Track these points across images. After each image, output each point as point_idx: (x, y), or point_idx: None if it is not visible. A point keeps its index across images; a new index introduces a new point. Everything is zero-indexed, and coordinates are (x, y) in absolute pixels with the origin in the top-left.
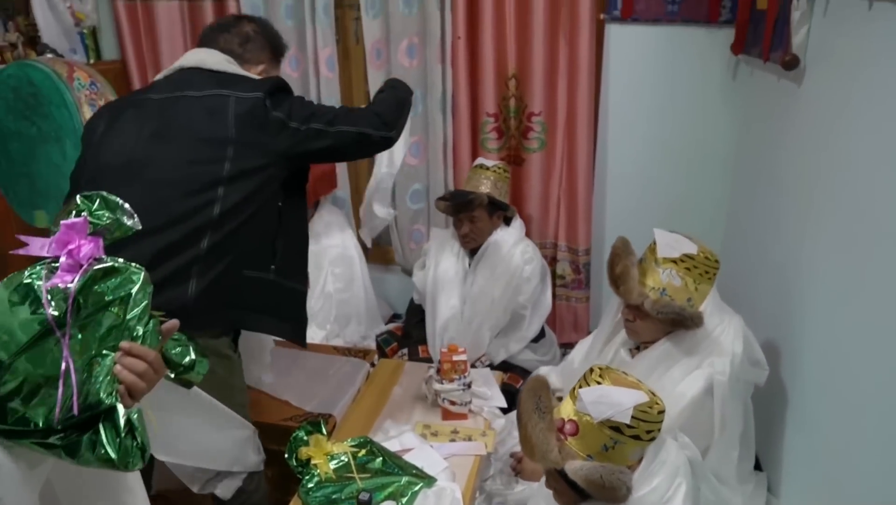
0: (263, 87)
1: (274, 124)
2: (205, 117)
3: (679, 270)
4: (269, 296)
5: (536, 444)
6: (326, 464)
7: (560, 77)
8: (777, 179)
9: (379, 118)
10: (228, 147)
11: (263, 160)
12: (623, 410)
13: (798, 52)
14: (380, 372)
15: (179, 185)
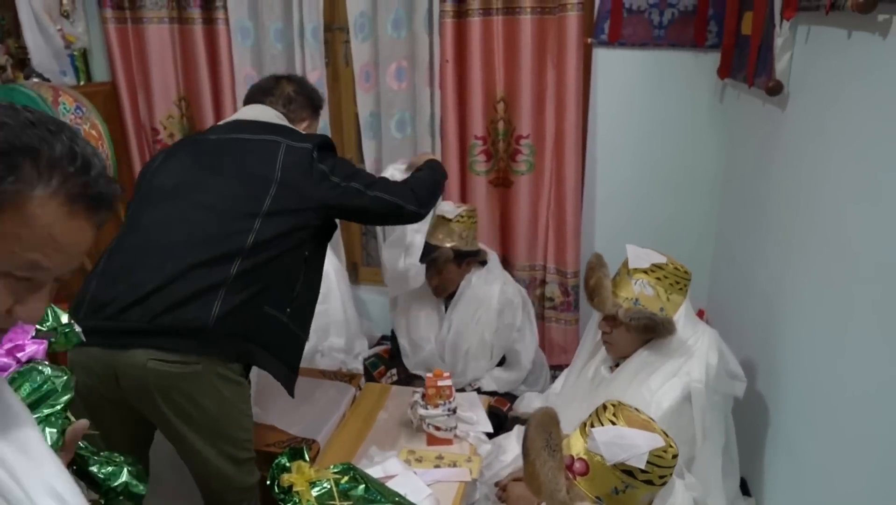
0: (313, 140)
1: (317, 174)
2: (255, 157)
3: (650, 279)
4: (279, 337)
5: (544, 482)
6: (308, 491)
7: (548, 100)
8: (762, 202)
9: (414, 194)
10: (272, 186)
11: (301, 204)
12: (638, 455)
13: (781, 78)
14: (365, 396)
15: (221, 211)
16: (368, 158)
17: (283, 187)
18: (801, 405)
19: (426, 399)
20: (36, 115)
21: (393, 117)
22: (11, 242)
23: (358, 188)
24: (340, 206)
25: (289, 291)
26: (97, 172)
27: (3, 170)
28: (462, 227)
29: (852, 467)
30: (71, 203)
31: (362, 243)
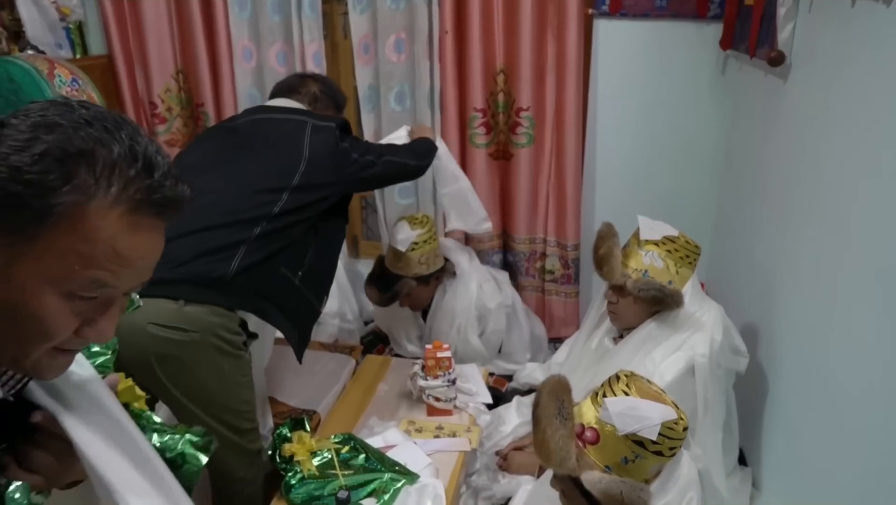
0: (336, 121)
1: (341, 152)
2: (284, 135)
3: (660, 252)
4: (290, 298)
5: (554, 450)
6: (309, 461)
7: (548, 72)
8: (763, 175)
9: (414, 153)
10: (302, 163)
11: (327, 179)
12: (651, 427)
13: (784, 49)
14: (365, 368)
15: (253, 183)
16: (367, 131)
17: (312, 164)
18: (798, 378)
19: (426, 370)
20: (92, 112)
21: (392, 90)
22: (71, 260)
23: (371, 159)
24: (360, 179)
25: (301, 255)
26: (162, 173)
27: (56, 178)
28: (419, 254)
29: (848, 438)
30: (134, 211)
31: (363, 217)
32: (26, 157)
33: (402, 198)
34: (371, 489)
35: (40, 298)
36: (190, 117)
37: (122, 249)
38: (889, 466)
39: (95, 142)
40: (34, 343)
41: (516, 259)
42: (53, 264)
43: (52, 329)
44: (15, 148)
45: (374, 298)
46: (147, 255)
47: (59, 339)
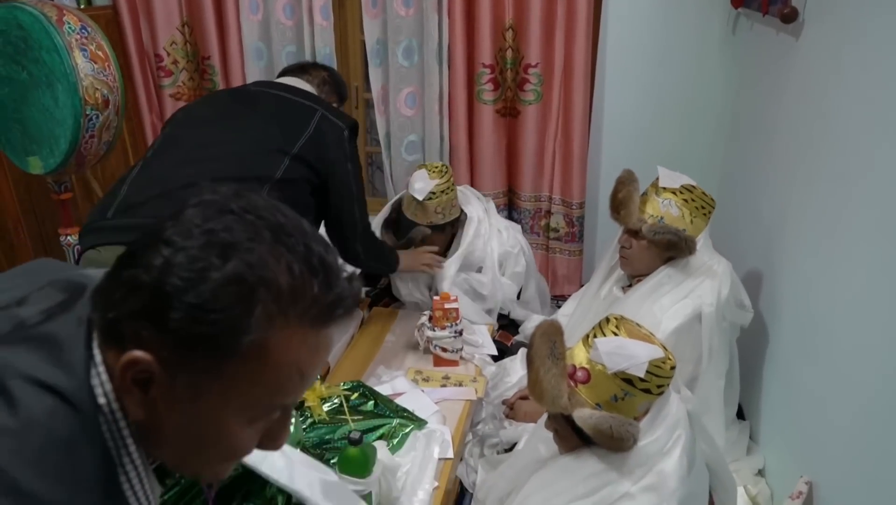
0: (347, 121)
1: (341, 151)
2: (292, 110)
3: (677, 200)
4: None
5: (547, 389)
6: (320, 406)
7: (557, 28)
8: (770, 134)
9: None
10: (304, 136)
11: (317, 163)
12: (638, 364)
13: (797, 5)
14: (373, 320)
15: (256, 140)
16: (375, 86)
17: (311, 142)
18: (799, 335)
19: (433, 321)
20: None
21: (400, 44)
22: (258, 390)
23: (353, 190)
24: (334, 187)
25: None
26: (341, 279)
27: (240, 313)
28: (436, 203)
29: (846, 394)
30: (319, 327)
31: (368, 174)
32: (205, 293)
33: (409, 154)
34: (380, 434)
35: (228, 428)
36: (196, 70)
37: (305, 364)
38: (886, 422)
39: (274, 261)
40: (220, 462)
41: (521, 216)
42: (240, 396)
43: (239, 451)
44: (189, 281)
45: (388, 240)
46: (327, 353)
47: (243, 456)
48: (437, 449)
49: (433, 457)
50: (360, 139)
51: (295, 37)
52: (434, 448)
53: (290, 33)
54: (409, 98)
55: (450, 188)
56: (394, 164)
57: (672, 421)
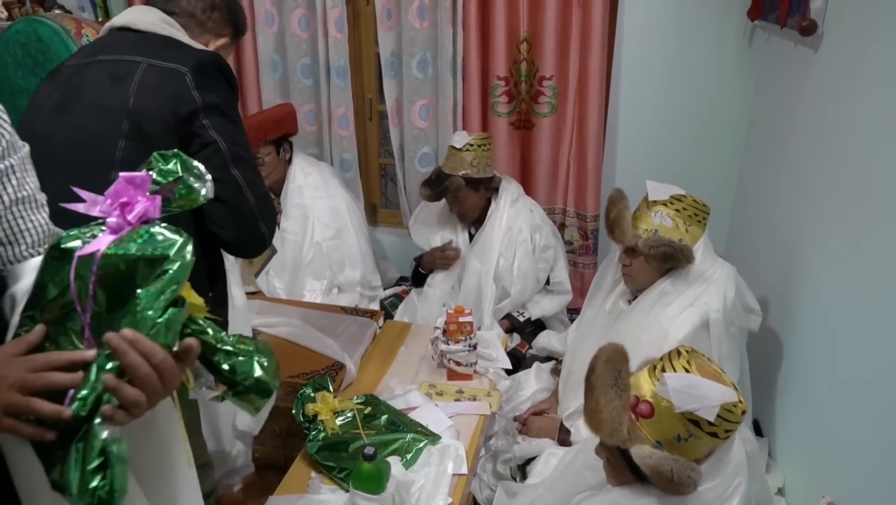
0: (193, 60)
1: (184, 104)
2: (107, 85)
3: (669, 211)
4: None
5: (606, 420)
6: (332, 420)
7: (572, 41)
8: (787, 147)
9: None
10: (124, 121)
11: (162, 142)
12: (709, 407)
13: (816, 18)
14: (387, 332)
15: (73, 165)
16: (389, 98)
17: (141, 120)
18: (817, 349)
19: (447, 335)
20: None
21: (414, 57)
22: None
23: (221, 148)
24: (199, 154)
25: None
26: None
27: None
28: (472, 156)
29: (866, 410)
30: None
31: (381, 185)
32: None
33: (423, 165)
34: (394, 449)
35: None
36: None
37: None
38: None
39: None
40: None
41: None
42: None
43: None
44: None
45: (424, 195)
46: None
47: None
48: (452, 464)
49: (447, 472)
50: (373, 151)
51: (310, 49)
52: (448, 463)
53: (304, 46)
54: (423, 110)
55: (487, 147)
56: (407, 175)
57: (733, 467)
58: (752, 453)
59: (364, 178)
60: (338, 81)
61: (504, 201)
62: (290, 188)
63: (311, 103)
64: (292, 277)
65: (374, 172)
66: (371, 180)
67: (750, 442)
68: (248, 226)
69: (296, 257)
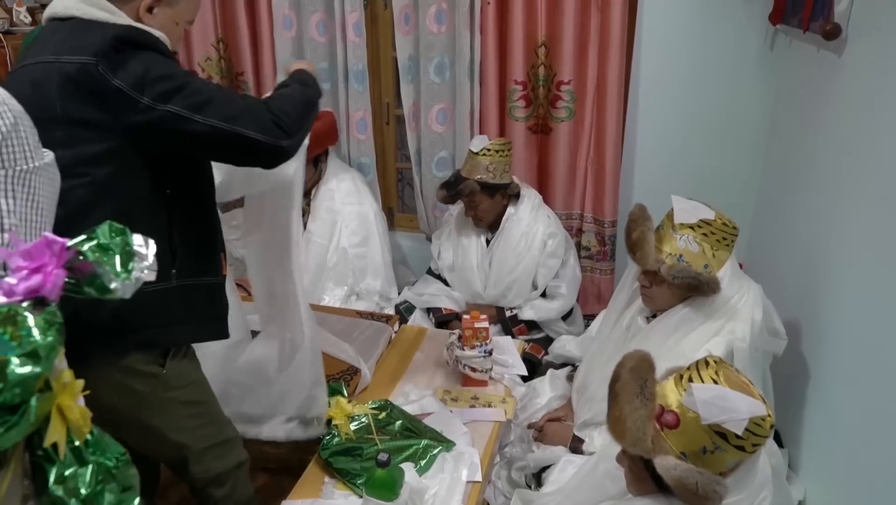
0: (100, 44)
1: (112, 97)
2: (29, 92)
3: (696, 235)
4: (176, 305)
5: (631, 429)
6: (347, 425)
7: (591, 45)
8: (810, 154)
9: (273, 118)
10: (56, 130)
11: (106, 143)
12: (738, 420)
13: (840, 21)
14: (402, 337)
15: None
16: (406, 103)
17: (71, 126)
18: (842, 360)
19: (462, 340)
20: None
21: (432, 61)
22: None
23: (178, 112)
24: (162, 138)
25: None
26: None
27: None
28: (489, 161)
29: (891, 424)
30: None
31: (398, 189)
32: None
33: (440, 170)
34: (408, 455)
35: None
36: (230, 86)
37: None
38: None
39: None
40: None
41: None
42: None
43: None
44: None
45: (440, 196)
46: None
47: None
48: (466, 472)
49: (461, 480)
50: (391, 155)
51: (328, 53)
52: (462, 470)
53: (322, 50)
54: (440, 115)
55: (506, 154)
56: (424, 180)
57: (759, 481)
58: (778, 466)
59: (381, 182)
60: (356, 85)
61: (524, 208)
62: (322, 190)
63: (329, 107)
64: (313, 280)
65: (392, 177)
66: (388, 184)
67: (775, 455)
68: (246, 148)
69: (319, 262)
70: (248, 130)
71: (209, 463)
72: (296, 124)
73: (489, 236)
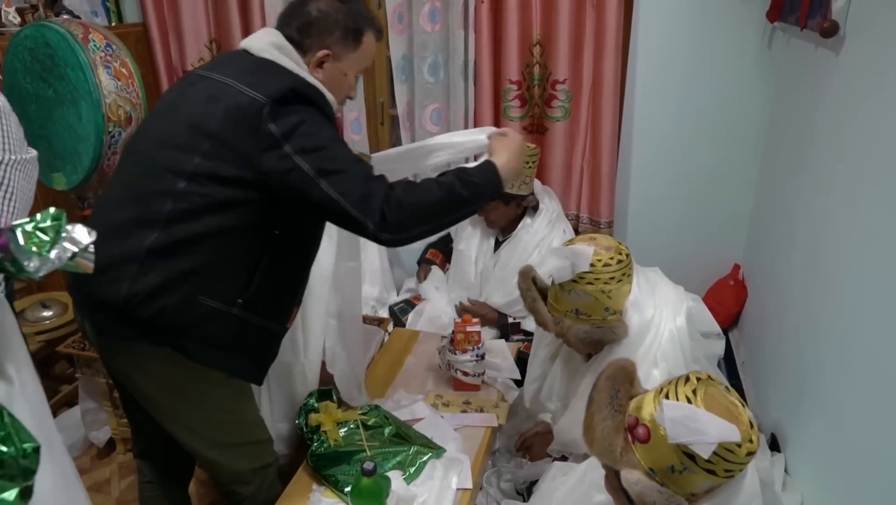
0: (275, 88)
1: (263, 137)
2: (202, 101)
3: (582, 287)
4: (226, 330)
5: (598, 438)
6: (335, 431)
7: (586, 44)
8: (808, 153)
9: (384, 209)
10: (206, 140)
11: (241, 172)
12: (705, 444)
13: (838, 19)
14: (394, 341)
15: (147, 164)
16: (400, 102)
17: (220, 145)
18: (839, 360)
19: (454, 344)
20: None
21: (426, 60)
22: None
23: (306, 171)
24: (287, 188)
25: (239, 280)
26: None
27: None
28: None
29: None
30: None
31: None
32: None
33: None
34: (397, 461)
35: None
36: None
37: None
38: None
39: None
40: None
41: None
42: None
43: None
44: None
45: None
46: None
47: None
48: (456, 478)
49: (451, 487)
50: None
51: None
52: (452, 477)
53: None
54: (434, 114)
55: (530, 165)
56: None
57: (746, 498)
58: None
59: None
60: None
61: (541, 221)
62: None
63: None
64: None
65: None
66: None
67: (764, 470)
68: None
69: None
70: (355, 211)
71: (235, 460)
72: (408, 222)
73: (501, 237)
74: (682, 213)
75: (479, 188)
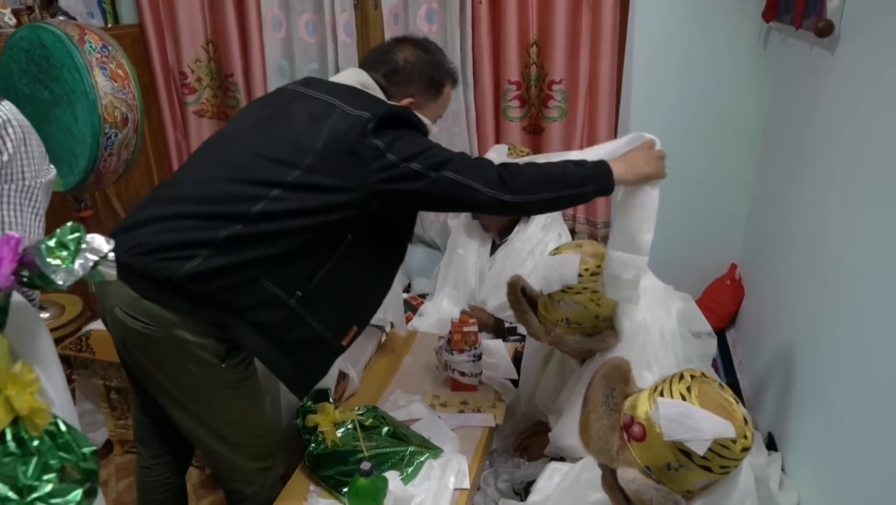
0: (378, 109)
1: (368, 150)
2: (305, 119)
3: (570, 297)
4: (278, 320)
5: (593, 438)
6: (333, 431)
7: (582, 44)
8: (805, 153)
9: (503, 175)
10: (309, 156)
11: (339, 183)
12: (701, 440)
13: (833, 18)
14: (391, 341)
15: (238, 170)
16: None
17: (323, 160)
18: (836, 359)
19: (451, 344)
20: None
21: None
22: None
23: (417, 170)
24: (393, 191)
25: (302, 273)
26: None
27: None
28: None
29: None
30: None
31: None
32: None
33: None
34: (394, 462)
35: None
36: (219, 88)
37: None
38: None
39: None
40: None
41: None
42: None
43: None
44: None
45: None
46: None
47: None
48: (453, 479)
49: (448, 487)
50: None
51: (318, 54)
52: (450, 478)
53: (312, 51)
54: None
55: None
56: None
57: (739, 495)
58: (762, 478)
59: None
60: None
61: (534, 226)
62: None
63: None
64: None
65: None
66: None
67: (760, 468)
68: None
69: None
70: (472, 181)
71: (240, 458)
72: (529, 187)
73: (497, 240)
74: (679, 213)
75: (594, 173)
